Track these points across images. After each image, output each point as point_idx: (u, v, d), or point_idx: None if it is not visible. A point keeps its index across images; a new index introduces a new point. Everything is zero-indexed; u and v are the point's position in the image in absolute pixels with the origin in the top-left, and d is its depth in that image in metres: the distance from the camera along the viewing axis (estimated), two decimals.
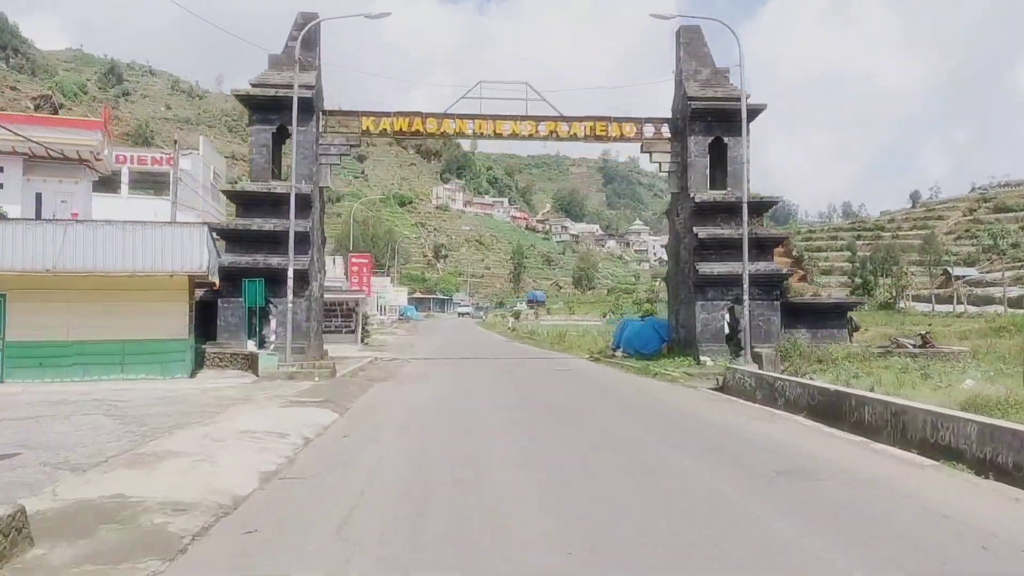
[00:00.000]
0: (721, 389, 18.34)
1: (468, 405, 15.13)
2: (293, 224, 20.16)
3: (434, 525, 6.41)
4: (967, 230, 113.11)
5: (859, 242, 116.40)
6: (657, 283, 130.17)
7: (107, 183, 40.57)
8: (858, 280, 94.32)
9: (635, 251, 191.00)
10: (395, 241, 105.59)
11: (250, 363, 19.72)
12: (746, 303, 20.13)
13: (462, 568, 5.37)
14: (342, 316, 38.24)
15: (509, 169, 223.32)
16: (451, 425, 12.27)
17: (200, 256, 17.33)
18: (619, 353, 28.56)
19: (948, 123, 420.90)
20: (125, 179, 43.20)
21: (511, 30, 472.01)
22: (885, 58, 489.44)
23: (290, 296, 19.52)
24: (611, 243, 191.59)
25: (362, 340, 37.93)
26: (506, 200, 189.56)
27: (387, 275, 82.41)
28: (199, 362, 20.94)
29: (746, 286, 20.22)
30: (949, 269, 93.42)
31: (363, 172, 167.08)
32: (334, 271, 50.23)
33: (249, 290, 20.71)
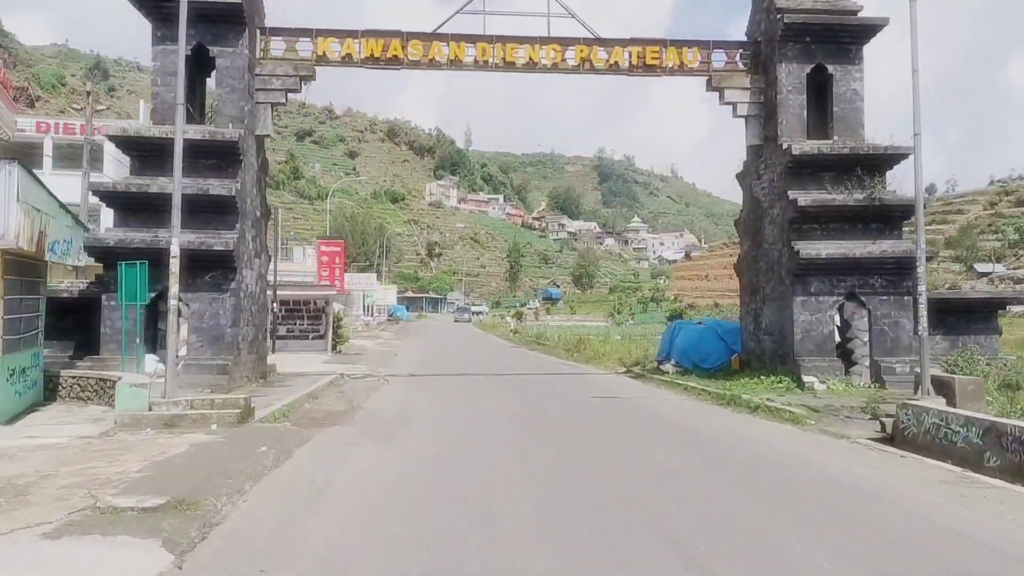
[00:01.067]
0: (891, 440, 11.02)
1: (480, 508, 7.63)
2: (179, 179, 12.32)
3: None
4: (989, 224, 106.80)
5: None
6: (661, 282, 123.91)
7: (26, 157, 33.30)
8: None
9: (634, 249, 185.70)
10: (383, 236, 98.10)
11: None
12: (923, 293, 12.26)
13: None
14: (309, 318, 30.79)
15: (504, 166, 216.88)
16: None
17: (4, 217, 9.91)
18: (669, 367, 21.26)
19: (942, 121, 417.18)
20: (48, 151, 35.83)
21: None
22: (879, 55, 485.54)
23: (173, 288, 11.71)
24: (609, 241, 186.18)
25: (334, 348, 30.49)
26: (501, 197, 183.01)
27: (374, 271, 74.99)
28: (52, 391, 13.58)
29: (922, 270, 12.41)
30: (974, 265, 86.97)
31: (354, 168, 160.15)
32: (304, 264, 43.02)
33: (127, 279, 13.27)
